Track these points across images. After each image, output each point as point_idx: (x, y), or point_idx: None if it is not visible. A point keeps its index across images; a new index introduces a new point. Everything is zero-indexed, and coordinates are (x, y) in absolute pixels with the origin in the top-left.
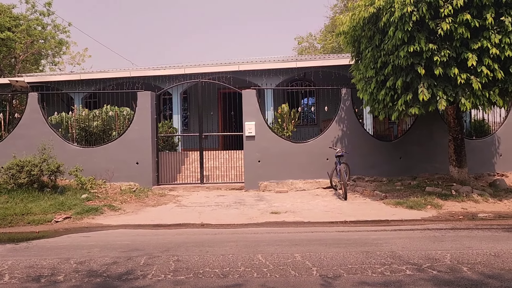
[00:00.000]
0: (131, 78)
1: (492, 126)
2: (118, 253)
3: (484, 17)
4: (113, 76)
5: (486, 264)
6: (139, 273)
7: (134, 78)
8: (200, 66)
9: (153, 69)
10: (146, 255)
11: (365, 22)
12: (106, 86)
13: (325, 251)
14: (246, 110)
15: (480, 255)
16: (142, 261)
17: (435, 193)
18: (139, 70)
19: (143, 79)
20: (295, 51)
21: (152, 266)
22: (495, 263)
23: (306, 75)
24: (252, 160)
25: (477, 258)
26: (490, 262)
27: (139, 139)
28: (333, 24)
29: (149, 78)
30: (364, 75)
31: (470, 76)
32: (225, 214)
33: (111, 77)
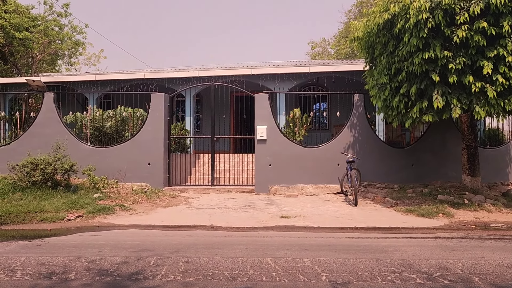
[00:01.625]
0: (145, 79)
1: (506, 135)
2: (129, 253)
3: (500, 25)
4: (127, 78)
5: (499, 275)
6: (149, 273)
7: (148, 80)
8: (213, 69)
9: (167, 71)
10: (156, 255)
11: (379, 28)
12: (120, 87)
13: (334, 257)
14: (258, 114)
15: (492, 266)
16: (152, 262)
17: (447, 201)
18: (153, 72)
19: (156, 81)
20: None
21: (162, 266)
22: (508, 274)
23: (319, 80)
24: (263, 164)
25: (490, 268)
26: (503, 273)
27: (151, 140)
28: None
29: (163, 80)
30: (378, 81)
31: (485, 84)
32: (235, 217)
33: (125, 78)
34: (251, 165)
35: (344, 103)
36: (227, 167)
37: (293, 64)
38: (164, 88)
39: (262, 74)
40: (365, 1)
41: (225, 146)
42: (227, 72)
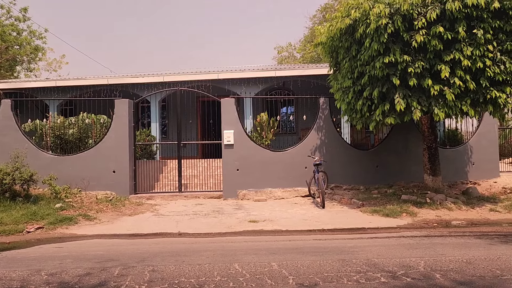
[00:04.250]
0: (109, 85)
1: (465, 136)
2: (92, 264)
3: (456, 30)
4: (90, 83)
5: (459, 271)
6: (113, 284)
7: (112, 86)
8: (179, 74)
9: (131, 76)
10: (120, 265)
11: (342, 33)
12: (83, 94)
13: (302, 260)
14: (225, 119)
15: (452, 262)
16: (116, 272)
17: (411, 201)
18: (117, 78)
19: (121, 86)
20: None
21: (126, 276)
22: (467, 270)
23: (285, 84)
24: (230, 169)
25: (450, 265)
26: (462, 269)
27: (116, 147)
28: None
29: (127, 86)
30: (341, 85)
31: (443, 87)
32: (203, 223)
33: (88, 84)
34: (219, 170)
35: (311, 106)
36: (195, 173)
37: (259, 69)
38: (128, 94)
39: (229, 78)
40: (329, 7)
41: (192, 151)
42: (193, 77)
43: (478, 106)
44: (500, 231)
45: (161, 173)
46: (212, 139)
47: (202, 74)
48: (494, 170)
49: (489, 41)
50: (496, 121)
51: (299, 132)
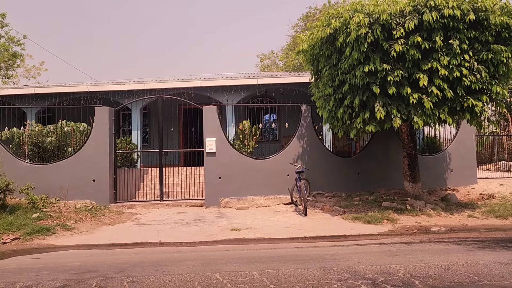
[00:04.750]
0: (89, 92)
1: (443, 143)
2: (69, 276)
3: (433, 40)
4: (70, 91)
5: (437, 277)
6: None
7: (92, 93)
8: (160, 81)
9: (112, 84)
10: (99, 276)
11: (323, 42)
12: (62, 101)
13: (283, 268)
14: (207, 127)
15: (431, 268)
16: (94, 283)
17: (391, 208)
18: (98, 85)
19: (101, 94)
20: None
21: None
22: (446, 276)
23: (268, 92)
24: (213, 177)
25: (429, 271)
26: (441, 275)
27: (96, 155)
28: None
29: (108, 93)
30: (323, 93)
31: (422, 95)
32: (184, 231)
33: (68, 91)
34: (201, 178)
35: (293, 114)
36: (176, 181)
37: (241, 76)
38: (109, 102)
39: (211, 86)
40: (310, 15)
41: (174, 159)
42: (175, 85)
43: (455, 114)
44: (478, 237)
45: (142, 181)
46: (194, 147)
47: (184, 82)
48: (472, 177)
49: (465, 51)
50: (473, 129)
51: (281, 139)
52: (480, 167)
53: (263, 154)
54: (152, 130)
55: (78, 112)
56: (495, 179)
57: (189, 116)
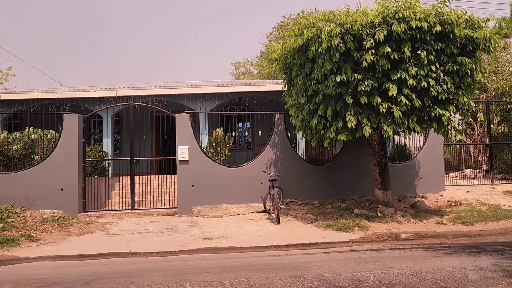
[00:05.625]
0: (58, 99)
1: (413, 151)
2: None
3: (402, 51)
4: (38, 97)
5: (405, 283)
6: None
7: (62, 100)
8: (132, 88)
9: (82, 90)
10: None
11: (295, 51)
12: (29, 108)
13: (254, 277)
14: (180, 134)
15: (400, 275)
16: None
17: (363, 215)
18: (67, 91)
19: (71, 100)
20: (232, 76)
21: None
22: (413, 282)
23: (241, 100)
24: (185, 185)
25: (398, 278)
26: (409, 282)
27: (64, 163)
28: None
29: (78, 100)
30: (296, 101)
31: (391, 105)
32: (155, 241)
33: (36, 98)
34: (174, 186)
35: (266, 122)
36: (148, 190)
37: (215, 84)
38: (79, 108)
39: (184, 94)
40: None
41: (146, 167)
42: (147, 92)
43: (423, 123)
44: (446, 243)
45: (113, 190)
46: (167, 155)
47: (156, 89)
48: (440, 184)
49: (432, 62)
50: (441, 138)
51: (255, 147)
52: (448, 174)
53: (237, 162)
54: (124, 138)
55: (46, 119)
56: (462, 186)
57: (161, 124)
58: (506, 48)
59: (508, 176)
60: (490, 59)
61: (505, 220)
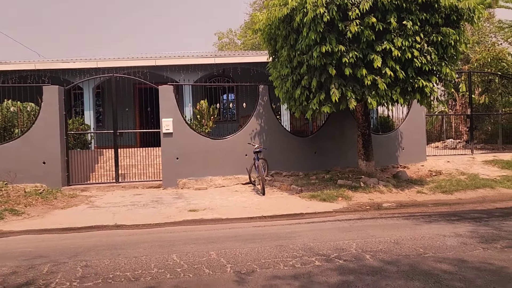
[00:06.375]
0: (37, 71)
1: (396, 122)
2: (19, 262)
3: (388, 21)
4: (15, 68)
5: (387, 251)
6: (41, 282)
7: (40, 71)
8: (114, 60)
9: (62, 61)
10: (50, 262)
11: (280, 21)
12: (7, 80)
13: (240, 247)
14: (163, 107)
15: (382, 243)
16: (46, 269)
17: (346, 185)
18: (46, 63)
19: (50, 72)
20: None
21: (56, 273)
22: (394, 249)
23: (225, 71)
24: (170, 158)
25: (379, 245)
26: (390, 249)
27: (45, 136)
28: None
29: (58, 72)
30: (280, 73)
31: (376, 77)
32: (141, 213)
33: (13, 69)
34: (159, 159)
35: (250, 94)
36: (133, 162)
37: (198, 55)
38: (59, 80)
39: (167, 65)
40: None
41: (130, 140)
42: (129, 63)
43: (407, 94)
44: (426, 212)
45: (96, 163)
46: (151, 128)
47: (139, 60)
48: (422, 154)
49: (417, 32)
50: (423, 109)
51: (239, 119)
52: (430, 145)
53: (221, 134)
54: (106, 110)
55: (25, 92)
56: (443, 156)
57: (144, 96)
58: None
59: (487, 146)
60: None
61: (483, 189)
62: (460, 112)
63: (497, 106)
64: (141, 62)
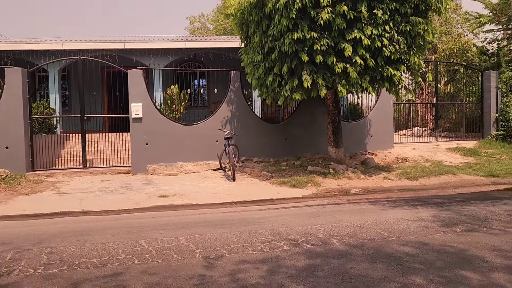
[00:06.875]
0: None
1: (365, 110)
2: None
3: (358, 10)
4: None
5: (353, 235)
6: (4, 269)
7: (2, 52)
8: (81, 41)
9: (25, 42)
10: (14, 249)
11: (252, 7)
12: None
13: (210, 233)
14: (133, 91)
15: (348, 227)
16: (9, 256)
17: (316, 172)
18: (8, 43)
19: (13, 53)
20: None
21: (20, 261)
22: (360, 233)
23: (197, 56)
24: (139, 143)
25: (346, 230)
26: (356, 233)
27: (8, 120)
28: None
29: (21, 53)
30: (252, 59)
31: (346, 65)
32: (109, 199)
33: None
34: (128, 144)
35: (222, 79)
36: (101, 148)
37: (169, 39)
38: (22, 62)
39: (137, 49)
40: None
41: (98, 125)
42: (97, 46)
43: (376, 83)
44: (391, 197)
45: (63, 148)
46: (120, 112)
47: (107, 43)
48: (389, 142)
49: (387, 21)
50: (392, 97)
51: (210, 105)
52: (397, 132)
53: (192, 120)
54: (73, 94)
55: None
56: (409, 143)
57: (113, 80)
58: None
59: (451, 134)
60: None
61: (446, 175)
62: (427, 100)
63: (461, 95)
64: (109, 45)
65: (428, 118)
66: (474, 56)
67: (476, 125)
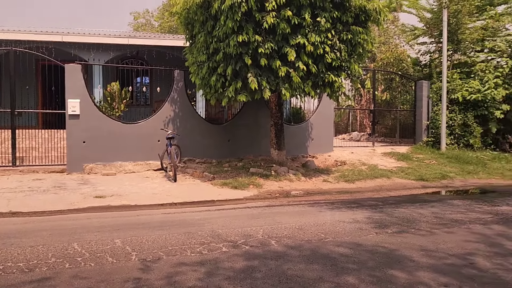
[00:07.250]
0: None
1: (307, 114)
2: None
3: (302, 16)
4: None
5: (291, 236)
6: None
7: None
8: (13, 31)
9: None
10: None
11: (198, 7)
12: None
13: (147, 235)
14: (70, 87)
15: (287, 229)
16: None
17: (258, 173)
18: None
19: None
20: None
21: None
22: (298, 235)
23: (140, 54)
24: (76, 141)
25: (285, 231)
26: (294, 235)
27: None
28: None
29: None
30: (197, 59)
31: (290, 69)
32: (40, 200)
33: None
34: (63, 142)
35: (165, 78)
36: (33, 145)
37: (111, 35)
38: None
39: (75, 42)
40: None
41: (30, 121)
42: (32, 37)
43: (318, 88)
44: (329, 199)
45: None
46: (55, 108)
47: (43, 35)
48: (329, 145)
49: (329, 29)
50: (333, 102)
51: (153, 104)
52: (337, 136)
53: (134, 118)
54: (3, 87)
55: None
56: (348, 147)
57: (49, 74)
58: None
59: (387, 139)
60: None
61: (381, 179)
62: (365, 107)
63: (396, 103)
64: (46, 36)
65: (366, 123)
66: (409, 66)
67: (409, 132)
